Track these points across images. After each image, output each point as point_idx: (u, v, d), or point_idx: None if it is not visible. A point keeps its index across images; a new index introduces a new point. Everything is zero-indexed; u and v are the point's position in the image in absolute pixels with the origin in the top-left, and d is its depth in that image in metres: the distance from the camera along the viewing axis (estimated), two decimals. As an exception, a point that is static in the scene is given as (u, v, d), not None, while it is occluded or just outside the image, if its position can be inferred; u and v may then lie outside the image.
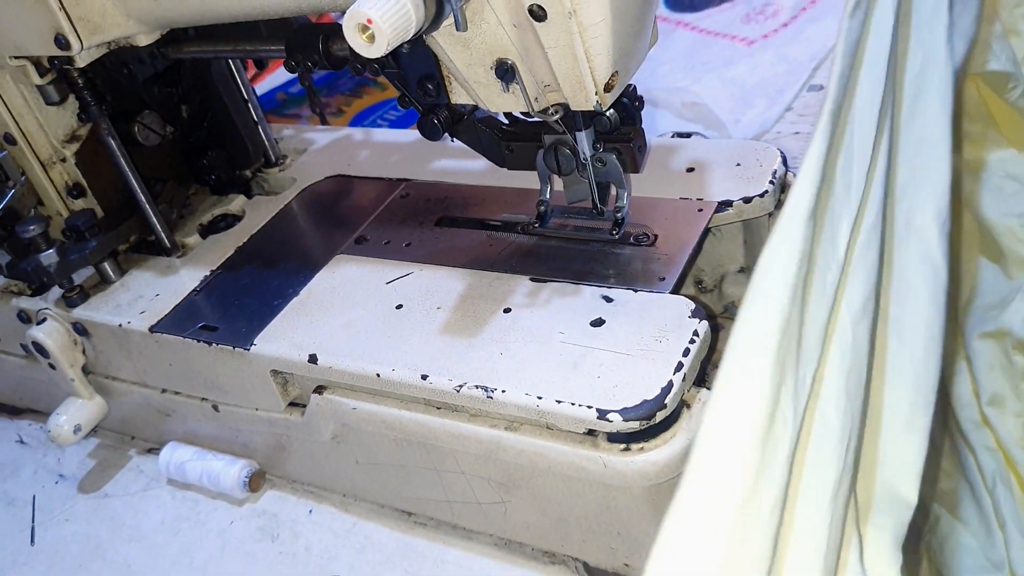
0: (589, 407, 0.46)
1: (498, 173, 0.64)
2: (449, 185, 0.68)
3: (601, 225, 0.58)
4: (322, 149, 0.79)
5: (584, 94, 0.47)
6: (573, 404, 0.46)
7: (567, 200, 0.57)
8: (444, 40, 0.47)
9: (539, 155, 0.56)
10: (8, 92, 0.62)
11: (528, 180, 0.61)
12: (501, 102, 0.50)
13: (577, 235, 0.58)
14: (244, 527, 0.64)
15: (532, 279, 0.55)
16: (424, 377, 0.50)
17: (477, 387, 0.49)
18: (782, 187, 0.59)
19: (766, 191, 0.58)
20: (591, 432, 0.47)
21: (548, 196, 0.59)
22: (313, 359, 0.54)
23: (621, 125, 0.53)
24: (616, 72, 0.47)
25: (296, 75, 0.60)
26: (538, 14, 0.44)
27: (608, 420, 0.45)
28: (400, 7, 0.41)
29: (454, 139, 0.59)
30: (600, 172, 0.55)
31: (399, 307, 0.56)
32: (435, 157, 0.72)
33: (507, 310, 0.54)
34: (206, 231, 0.70)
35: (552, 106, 0.49)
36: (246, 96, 0.72)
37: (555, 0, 0.43)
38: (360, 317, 0.56)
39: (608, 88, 0.47)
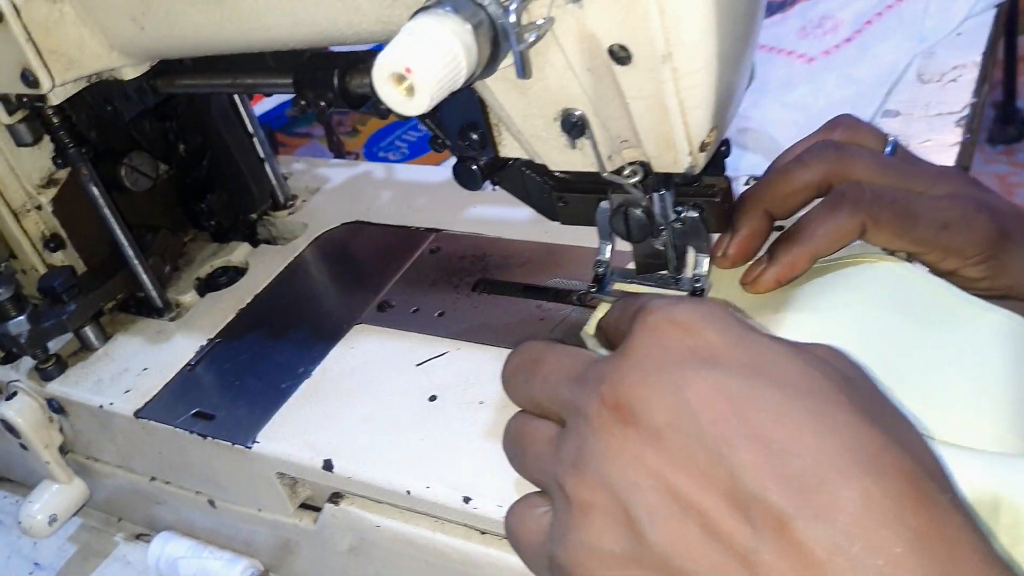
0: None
1: (546, 225, 0.54)
2: (488, 239, 0.58)
3: (676, 293, 0.48)
4: (337, 188, 0.69)
5: (673, 154, 0.37)
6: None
7: (636, 267, 0.48)
8: (496, 85, 0.38)
9: (601, 211, 0.46)
10: (-27, 131, 0.53)
11: (584, 235, 0.51)
12: (564, 159, 0.41)
13: (646, 309, 0.48)
14: (245, 641, 0.54)
15: (593, 367, 0.46)
16: (467, 500, 0.41)
17: (533, 515, 0.39)
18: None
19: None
20: None
21: (608, 256, 0.49)
22: (328, 465, 0.45)
23: (704, 174, 0.43)
24: (715, 127, 0.37)
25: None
26: (620, 56, 0.34)
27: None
28: (446, 52, 0.31)
29: (495, 187, 0.49)
30: (678, 233, 0.45)
31: (432, 399, 0.47)
32: (470, 203, 0.62)
33: (565, 408, 0.44)
34: (204, 287, 0.61)
35: (629, 165, 0.40)
36: (251, 130, 0.62)
37: (644, 40, 0.33)
38: (385, 409, 0.47)
39: (703, 148, 0.37)
